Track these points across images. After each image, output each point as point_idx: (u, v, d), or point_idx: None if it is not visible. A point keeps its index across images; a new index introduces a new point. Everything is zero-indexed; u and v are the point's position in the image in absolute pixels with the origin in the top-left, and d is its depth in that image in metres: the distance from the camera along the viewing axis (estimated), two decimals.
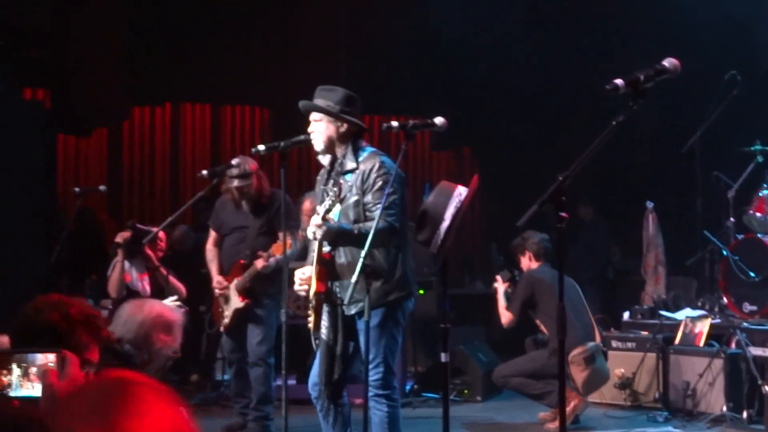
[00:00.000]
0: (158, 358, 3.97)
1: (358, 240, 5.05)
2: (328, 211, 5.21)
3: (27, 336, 2.62)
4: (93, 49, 12.21)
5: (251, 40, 12.39)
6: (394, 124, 4.84)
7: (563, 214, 3.62)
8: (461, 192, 4.59)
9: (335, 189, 5.22)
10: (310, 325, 5.40)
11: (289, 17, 12.30)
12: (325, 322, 5.34)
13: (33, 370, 2.06)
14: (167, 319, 4.08)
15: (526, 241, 7.98)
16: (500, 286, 8.04)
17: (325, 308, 5.34)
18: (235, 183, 7.26)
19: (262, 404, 7.26)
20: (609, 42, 11.83)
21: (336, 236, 5.14)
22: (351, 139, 5.39)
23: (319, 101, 5.41)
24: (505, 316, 7.87)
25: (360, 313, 5.17)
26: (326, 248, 5.28)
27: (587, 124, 10.03)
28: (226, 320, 7.39)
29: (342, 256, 5.27)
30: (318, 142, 5.38)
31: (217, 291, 7.44)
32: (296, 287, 5.46)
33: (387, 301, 5.18)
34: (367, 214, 5.19)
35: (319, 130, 5.37)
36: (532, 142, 12.85)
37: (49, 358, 2.06)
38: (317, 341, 5.43)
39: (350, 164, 5.32)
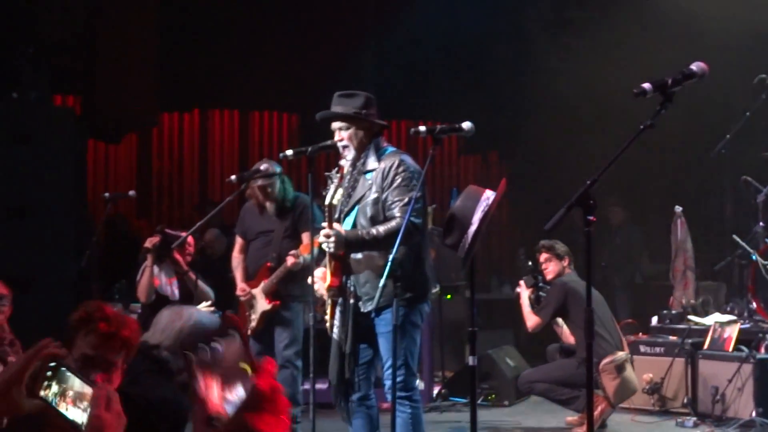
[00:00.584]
0: None
1: (369, 243, 5.07)
2: (331, 205, 5.24)
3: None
4: (122, 57, 12.32)
5: (278, 45, 12.46)
6: (422, 128, 4.85)
7: (591, 218, 3.63)
8: (489, 196, 4.60)
9: (337, 175, 5.26)
10: (328, 324, 5.44)
11: (316, 23, 12.35)
12: (336, 321, 5.35)
13: (70, 393, 2.06)
14: (206, 326, 4.12)
15: (554, 249, 7.97)
16: (524, 290, 8.05)
17: (338, 307, 5.35)
18: (259, 182, 7.28)
19: None
20: (637, 45, 11.78)
21: (348, 244, 5.15)
22: (373, 138, 5.42)
23: (338, 108, 5.43)
24: (532, 320, 7.86)
25: (375, 311, 5.19)
26: None
27: (615, 129, 10.02)
28: (254, 323, 7.42)
29: (358, 254, 5.29)
30: (350, 150, 5.38)
31: (241, 298, 7.47)
32: (315, 287, 5.50)
33: (404, 299, 5.12)
34: (387, 212, 5.19)
35: (349, 137, 5.38)
36: (559, 146, 12.82)
37: (88, 389, 2.07)
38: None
39: (372, 164, 5.33)
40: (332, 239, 5.11)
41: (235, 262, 7.62)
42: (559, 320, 7.99)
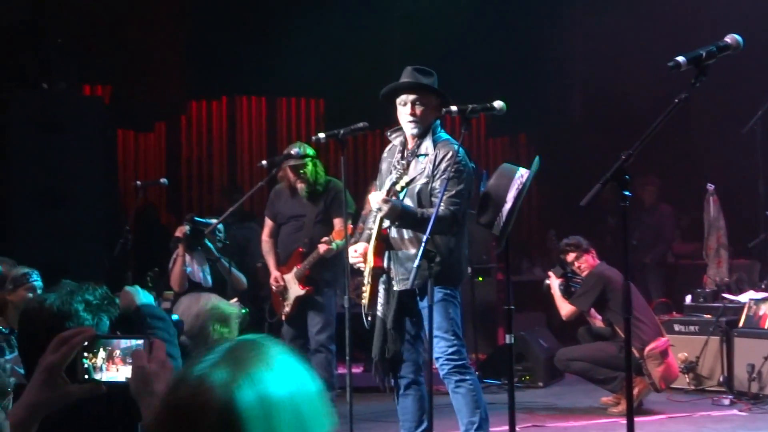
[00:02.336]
0: None
1: (419, 223, 5.06)
2: (394, 184, 5.23)
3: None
4: (150, 46, 12.37)
5: (304, 31, 12.45)
6: (453, 108, 4.83)
7: (627, 193, 3.60)
8: (522, 174, 4.58)
9: (403, 162, 5.23)
10: (364, 301, 5.44)
11: (341, 7, 12.32)
12: (381, 299, 5.35)
13: (117, 353, 2.11)
14: (222, 311, 4.14)
15: (580, 244, 7.94)
16: (554, 281, 8.02)
17: (382, 285, 5.35)
18: (291, 163, 7.26)
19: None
20: (669, 23, 11.68)
21: (400, 215, 5.14)
22: (434, 121, 5.38)
23: (423, 81, 5.35)
24: (567, 308, 7.83)
25: (419, 290, 5.19)
26: (385, 224, 5.29)
27: (646, 109, 9.95)
28: (287, 308, 7.42)
29: (405, 232, 5.28)
30: (418, 126, 5.30)
31: (274, 287, 7.46)
32: (351, 260, 5.49)
33: (438, 279, 5.12)
34: (433, 199, 5.16)
35: (422, 112, 5.31)
36: (589, 128, 12.75)
37: (135, 343, 2.11)
38: (369, 318, 5.46)
39: (428, 147, 5.30)
40: (388, 205, 5.07)
41: (266, 247, 7.59)
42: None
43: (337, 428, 5.56)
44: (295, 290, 7.35)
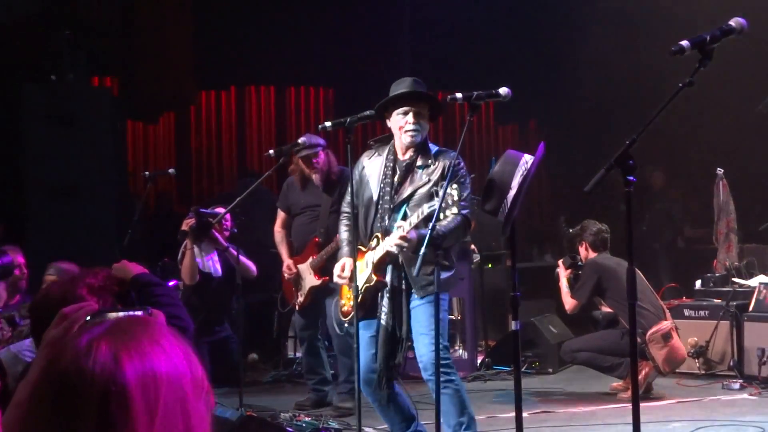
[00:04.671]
0: None
1: (435, 243, 5.04)
2: (391, 198, 5.26)
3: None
4: (158, 36, 12.39)
5: (313, 20, 12.45)
6: (459, 95, 4.82)
7: (631, 178, 3.60)
8: (527, 160, 4.57)
9: (399, 175, 5.28)
10: (344, 308, 5.47)
11: None
12: (384, 308, 5.35)
13: None
14: None
15: (584, 231, 7.97)
16: (562, 272, 8.04)
17: (386, 295, 5.35)
18: (303, 153, 7.26)
19: (353, 374, 7.17)
20: (673, 9, 11.64)
21: (420, 245, 5.12)
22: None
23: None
24: (570, 303, 7.86)
25: (422, 298, 5.26)
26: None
27: (655, 96, 9.92)
28: (301, 298, 7.43)
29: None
30: (418, 137, 5.35)
31: (286, 275, 7.47)
32: (337, 279, 5.51)
33: (443, 287, 5.18)
34: (443, 206, 5.16)
35: (424, 123, 5.38)
36: (599, 114, 12.72)
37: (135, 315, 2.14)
38: (345, 328, 5.53)
39: (427, 159, 5.34)
40: (410, 243, 5.09)
41: (279, 237, 7.61)
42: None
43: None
44: (311, 280, 7.35)
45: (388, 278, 5.33)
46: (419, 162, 5.35)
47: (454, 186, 4.88)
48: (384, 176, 5.40)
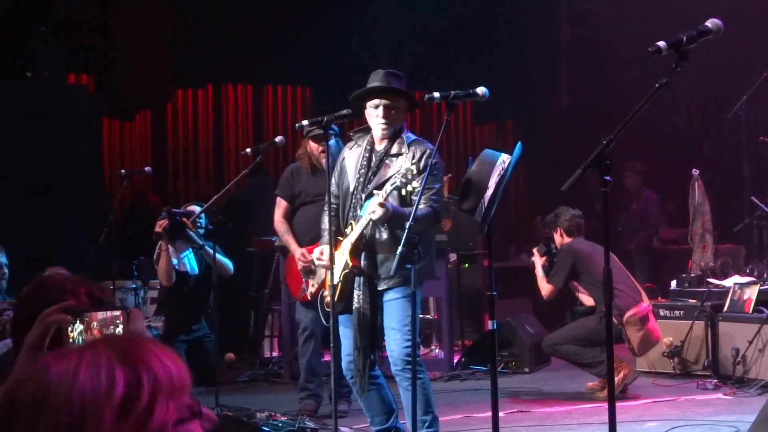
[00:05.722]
0: None
1: (404, 223, 5.06)
2: (365, 185, 5.28)
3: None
4: (135, 34, 12.33)
5: (290, 18, 12.42)
6: (436, 95, 4.83)
7: (607, 178, 3.61)
8: (504, 160, 4.59)
9: (374, 164, 5.29)
10: (328, 299, 5.46)
11: None
12: (362, 296, 5.36)
13: (94, 324, 2.13)
14: None
15: (558, 217, 8.01)
16: (537, 259, 8.07)
17: (363, 282, 5.37)
18: (313, 133, 6.90)
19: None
20: (652, 9, 11.69)
21: (391, 217, 5.16)
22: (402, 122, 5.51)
23: (395, 85, 5.46)
24: (546, 288, 7.89)
25: (387, 289, 5.31)
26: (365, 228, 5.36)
27: (634, 96, 9.95)
28: (312, 289, 6.94)
29: (384, 233, 5.32)
30: (389, 129, 5.42)
31: (300, 264, 7.01)
32: (318, 263, 5.61)
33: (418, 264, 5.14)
34: (413, 198, 5.18)
35: (394, 116, 5.42)
36: (576, 114, 12.76)
37: (112, 314, 2.13)
38: (326, 311, 5.55)
39: (401, 148, 5.38)
40: (383, 209, 5.10)
41: (282, 228, 7.14)
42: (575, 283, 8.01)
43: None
44: (323, 272, 7.18)
45: (362, 264, 5.36)
46: (393, 150, 5.40)
47: (424, 178, 4.92)
48: (360, 166, 5.46)
